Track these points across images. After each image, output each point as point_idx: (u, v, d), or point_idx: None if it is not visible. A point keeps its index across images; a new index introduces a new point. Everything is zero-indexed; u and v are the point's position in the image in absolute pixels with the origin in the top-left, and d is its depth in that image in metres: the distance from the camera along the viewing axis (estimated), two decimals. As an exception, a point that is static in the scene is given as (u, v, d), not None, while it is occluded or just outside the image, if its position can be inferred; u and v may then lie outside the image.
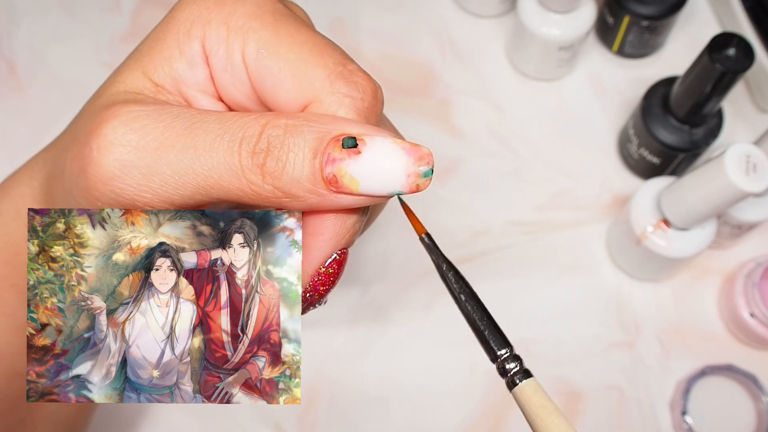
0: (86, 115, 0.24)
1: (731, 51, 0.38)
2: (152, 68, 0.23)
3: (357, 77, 0.22)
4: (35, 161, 0.28)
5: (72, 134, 0.24)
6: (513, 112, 0.52)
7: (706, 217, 0.40)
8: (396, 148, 0.21)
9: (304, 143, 0.20)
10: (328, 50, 0.23)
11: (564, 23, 0.47)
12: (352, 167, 0.20)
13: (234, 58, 0.23)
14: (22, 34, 0.54)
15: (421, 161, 0.21)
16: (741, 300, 0.44)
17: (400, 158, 0.21)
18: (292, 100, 0.22)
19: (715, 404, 0.44)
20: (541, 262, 0.48)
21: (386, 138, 0.21)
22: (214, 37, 0.23)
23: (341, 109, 0.22)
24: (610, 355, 0.46)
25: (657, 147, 0.45)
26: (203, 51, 0.23)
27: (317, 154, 0.20)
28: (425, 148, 0.21)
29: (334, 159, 0.20)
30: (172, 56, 0.23)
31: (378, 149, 0.21)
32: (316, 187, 0.21)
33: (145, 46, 0.24)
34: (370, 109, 0.22)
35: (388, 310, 0.47)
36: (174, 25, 0.23)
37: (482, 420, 0.44)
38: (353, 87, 0.22)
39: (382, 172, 0.21)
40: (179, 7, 0.23)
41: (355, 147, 0.20)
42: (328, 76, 0.22)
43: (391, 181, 0.21)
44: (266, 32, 0.22)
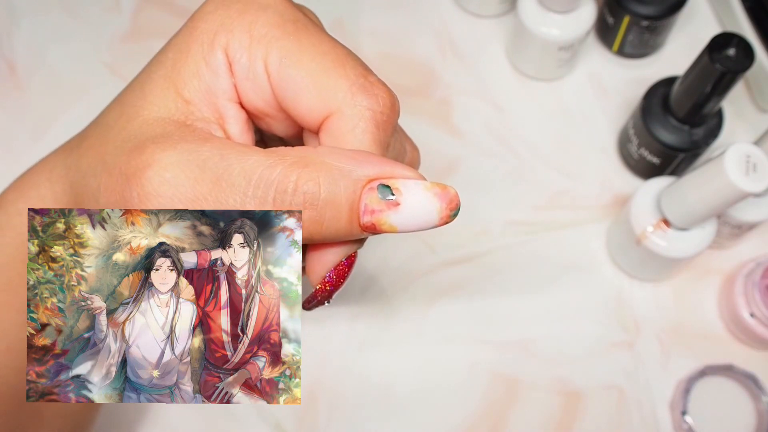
0: (118, 139, 0.23)
1: (731, 51, 0.38)
2: (182, 84, 0.23)
3: (377, 89, 0.23)
4: (53, 164, 0.28)
5: (100, 155, 0.24)
6: (513, 112, 0.52)
7: (706, 217, 0.40)
8: (429, 195, 0.22)
9: (340, 196, 0.21)
10: (350, 61, 0.23)
11: (564, 23, 0.47)
12: (393, 218, 0.22)
13: (256, 67, 0.23)
14: (22, 34, 0.54)
15: (452, 204, 0.22)
16: (741, 300, 0.44)
17: (434, 205, 0.22)
18: (314, 110, 0.23)
19: (715, 404, 0.44)
20: (541, 262, 0.48)
21: (418, 184, 0.22)
22: (236, 46, 0.23)
23: (362, 122, 0.23)
24: (610, 355, 0.46)
25: (657, 147, 0.45)
26: (227, 59, 0.23)
27: (353, 206, 0.21)
28: (452, 190, 0.22)
29: (373, 210, 0.22)
30: (198, 68, 0.23)
31: (414, 200, 0.22)
32: (353, 233, 0.22)
33: (168, 59, 0.24)
34: (389, 121, 0.23)
35: (388, 310, 0.47)
36: (197, 35, 0.23)
37: (482, 419, 0.44)
38: (374, 100, 0.23)
39: (418, 221, 0.22)
40: (201, 17, 0.24)
41: (391, 196, 0.22)
42: (350, 87, 0.23)
43: (425, 225, 0.22)
44: (288, 41, 0.23)
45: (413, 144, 0.30)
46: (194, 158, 0.21)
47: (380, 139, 0.23)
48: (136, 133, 0.23)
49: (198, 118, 0.23)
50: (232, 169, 0.21)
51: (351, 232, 0.22)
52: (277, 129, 0.26)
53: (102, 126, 0.25)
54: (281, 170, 0.21)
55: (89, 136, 0.25)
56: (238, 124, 0.24)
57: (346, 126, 0.23)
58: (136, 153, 0.22)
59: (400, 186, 0.22)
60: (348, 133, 0.23)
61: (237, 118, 0.24)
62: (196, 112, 0.23)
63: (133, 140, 0.23)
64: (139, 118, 0.23)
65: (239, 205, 0.21)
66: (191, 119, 0.23)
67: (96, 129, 0.25)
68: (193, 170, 0.21)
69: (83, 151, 0.25)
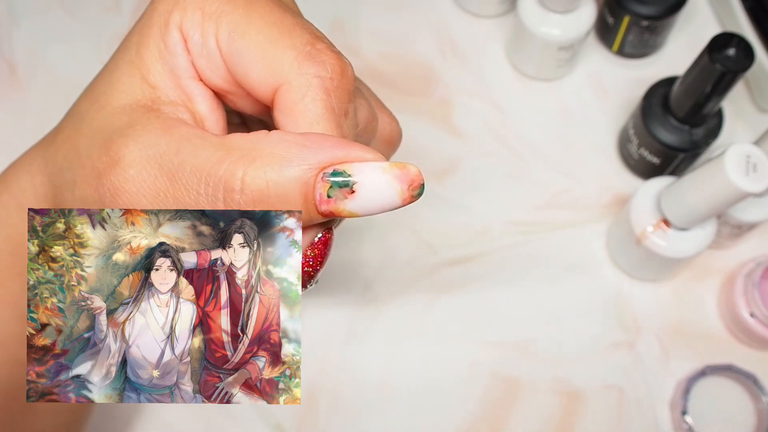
0: (90, 131, 0.23)
1: (731, 51, 0.38)
2: (146, 69, 0.23)
3: (325, 56, 0.22)
4: (32, 156, 0.28)
5: (75, 148, 0.24)
6: (513, 112, 0.52)
7: (706, 217, 0.40)
8: (387, 179, 0.21)
9: (291, 189, 0.21)
10: (297, 30, 0.23)
11: (564, 23, 0.47)
12: (350, 205, 0.21)
13: (209, 43, 0.23)
14: (22, 34, 0.54)
15: (414, 184, 0.21)
16: (741, 300, 0.44)
17: (393, 188, 0.21)
18: (264, 83, 0.22)
19: (715, 404, 0.44)
20: (541, 262, 0.48)
21: (375, 167, 0.21)
22: (189, 24, 0.23)
23: (310, 90, 0.22)
24: (610, 355, 0.46)
25: (657, 147, 0.45)
26: (182, 38, 0.23)
27: (308, 197, 0.21)
28: (413, 168, 0.21)
29: (329, 200, 0.21)
30: (159, 50, 0.23)
31: (371, 185, 0.21)
32: (314, 220, 0.22)
33: (133, 44, 0.24)
34: (340, 87, 0.22)
35: (388, 310, 0.47)
36: (155, 16, 0.23)
37: (482, 419, 0.44)
38: (321, 67, 0.22)
39: (379, 204, 0.21)
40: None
41: (347, 186, 0.21)
42: (296, 57, 0.22)
43: (387, 207, 0.21)
44: (237, 15, 0.23)
45: (391, 115, 0.29)
46: (153, 153, 0.21)
47: (332, 105, 0.22)
48: (105, 124, 0.23)
49: (164, 102, 0.23)
50: (185, 166, 0.21)
51: (312, 219, 0.21)
52: (242, 106, 0.25)
53: (75, 116, 0.25)
54: (227, 167, 0.21)
55: (64, 128, 0.25)
56: (206, 102, 0.24)
57: (296, 96, 0.22)
58: (104, 148, 0.22)
59: (355, 170, 0.21)
60: (298, 102, 0.22)
61: (204, 96, 0.24)
62: (162, 96, 0.23)
63: (103, 132, 0.23)
64: (108, 106, 0.23)
65: (195, 204, 0.21)
66: (158, 104, 0.23)
67: (70, 120, 0.25)
68: (153, 166, 0.21)
69: (59, 144, 0.25)
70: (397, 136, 0.29)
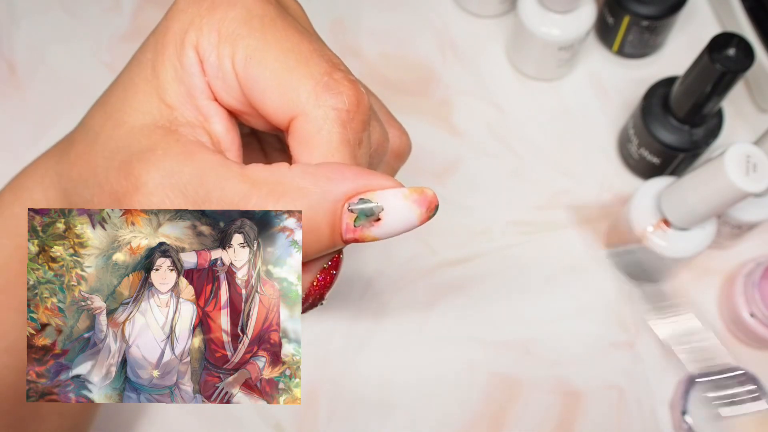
0: (107, 150, 0.23)
1: (731, 51, 0.38)
2: (163, 89, 0.23)
3: (342, 86, 0.22)
4: (44, 169, 0.28)
5: (91, 167, 0.24)
6: (513, 112, 0.52)
7: (706, 217, 0.40)
8: (408, 204, 0.22)
9: (321, 222, 0.21)
10: (314, 58, 0.23)
11: (564, 23, 0.47)
12: (375, 231, 0.22)
13: (224, 65, 0.23)
14: (22, 34, 0.54)
15: (431, 206, 0.22)
16: (741, 300, 0.44)
17: (413, 212, 0.22)
18: (280, 111, 0.23)
19: (715, 404, 0.44)
20: (541, 262, 0.48)
21: (396, 194, 0.22)
22: (206, 44, 0.23)
23: (327, 123, 0.22)
24: (610, 355, 0.46)
25: (657, 147, 0.45)
26: (198, 58, 0.23)
27: (335, 228, 0.22)
28: (430, 192, 0.22)
29: (355, 229, 0.22)
30: (174, 70, 0.23)
31: (394, 212, 0.22)
32: (336, 247, 0.22)
33: (148, 60, 0.24)
34: (355, 119, 0.23)
35: (388, 310, 0.47)
36: (170, 35, 0.23)
37: (482, 419, 0.44)
38: (338, 99, 0.22)
39: (399, 227, 0.22)
40: (173, 15, 0.23)
41: (373, 215, 0.22)
42: (314, 87, 0.22)
43: (406, 229, 0.22)
44: (254, 39, 0.22)
45: (401, 129, 0.29)
46: (176, 182, 0.22)
47: (348, 138, 0.23)
48: (123, 145, 0.23)
49: (182, 123, 0.23)
50: (211, 198, 0.21)
51: (335, 246, 0.22)
52: (256, 125, 0.25)
53: (89, 131, 0.25)
54: (256, 203, 0.21)
55: (77, 142, 0.25)
56: (222, 122, 0.24)
57: (312, 128, 0.22)
58: (123, 172, 0.22)
59: (379, 199, 0.22)
60: (315, 135, 0.22)
61: (219, 116, 0.24)
62: (180, 117, 0.23)
63: (121, 153, 0.23)
64: (125, 125, 0.23)
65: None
66: (175, 125, 0.23)
67: (83, 134, 0.25)
68: (177, 195, 0.22)
69: (73, 160, 0.25)
70: (407, 149, 0.30)
